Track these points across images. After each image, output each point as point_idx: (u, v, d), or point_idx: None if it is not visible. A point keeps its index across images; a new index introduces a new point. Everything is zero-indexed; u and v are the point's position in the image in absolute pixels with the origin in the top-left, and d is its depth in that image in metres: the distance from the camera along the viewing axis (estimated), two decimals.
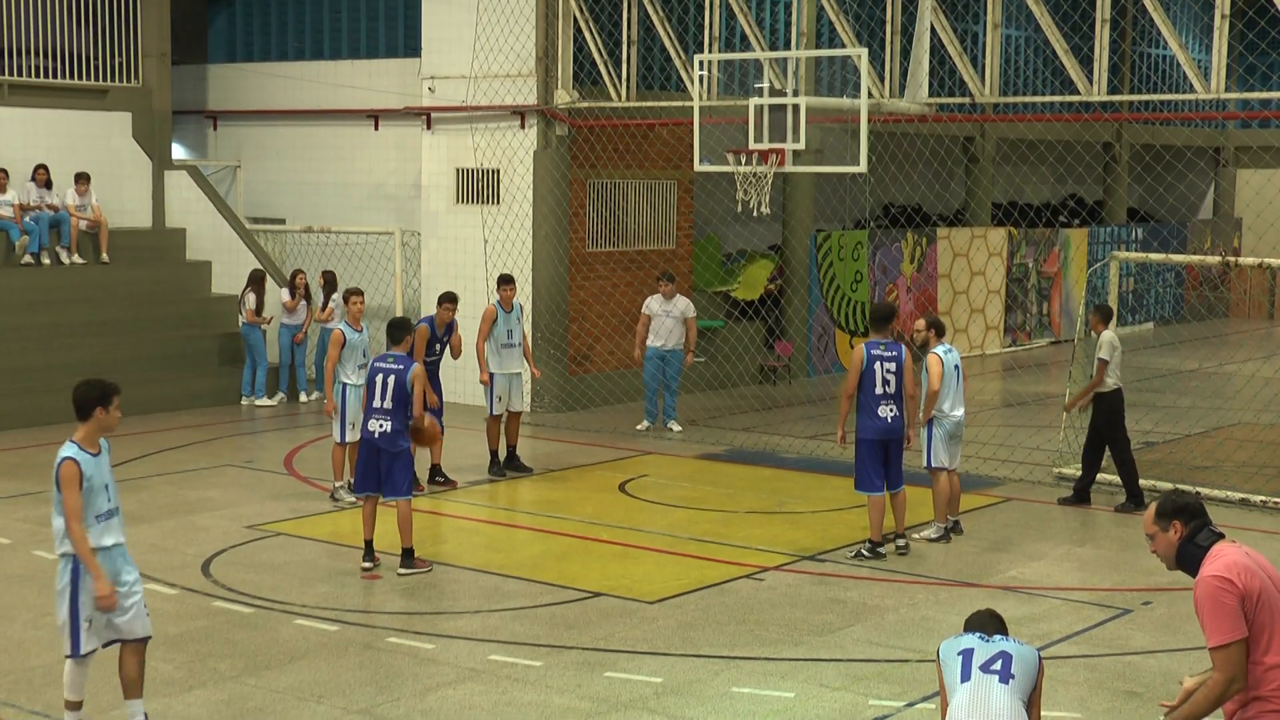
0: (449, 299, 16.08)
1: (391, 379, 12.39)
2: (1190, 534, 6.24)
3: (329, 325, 21.15)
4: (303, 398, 21.55)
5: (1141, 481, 16.04)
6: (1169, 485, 15.83)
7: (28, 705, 9.46)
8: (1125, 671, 10.33)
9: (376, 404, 12.41)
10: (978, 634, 6.66)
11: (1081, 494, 15.51)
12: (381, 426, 12.37)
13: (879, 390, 13.05)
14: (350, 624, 11.19)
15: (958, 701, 6.41)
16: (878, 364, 13.05)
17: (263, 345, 21.21)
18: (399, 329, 12.89)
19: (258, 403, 21.15)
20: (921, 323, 14.04)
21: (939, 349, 13.77)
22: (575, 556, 13.38)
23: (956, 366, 13.88)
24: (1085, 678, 10.19)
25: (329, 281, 21.34)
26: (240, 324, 21.35)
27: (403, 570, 12.53)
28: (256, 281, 21.35)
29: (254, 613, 11.45)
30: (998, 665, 6.45)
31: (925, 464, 13.96)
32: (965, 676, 6.46)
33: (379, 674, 10.13)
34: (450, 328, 16.07)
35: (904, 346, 13.37)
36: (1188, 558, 6.24)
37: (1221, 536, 6.27)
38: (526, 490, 16.32)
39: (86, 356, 20.33)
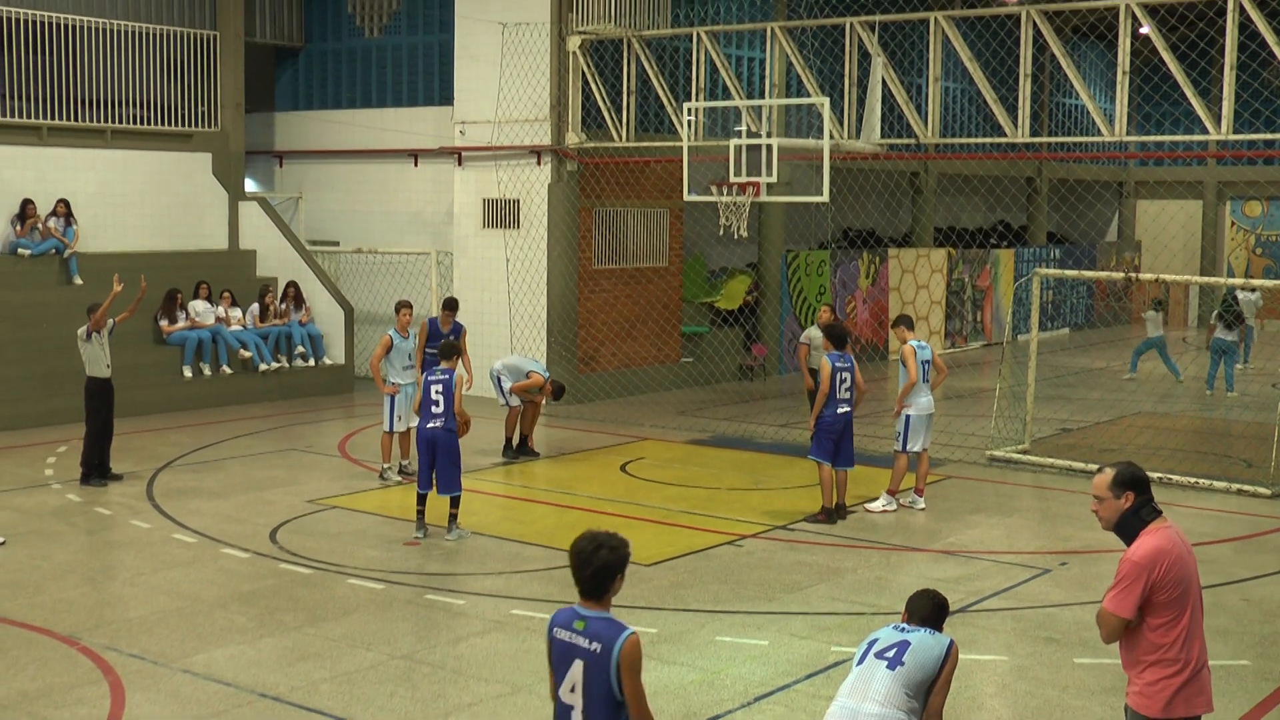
0: (448, 305, 16.02)
1: (441, 386, 12.59)
2: (1136, 506, 5.83)
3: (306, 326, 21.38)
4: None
5: (1058, 461, 16.03)
6: (1084, 465, 15.80)
7: (127, 649, 9.44)
8: (1045, 622, 10.30)
9: (433, 409, 12.56)
10: (894, 625, 6.36)
11: None
12: (436, 423, 12.51)
13: (840, 394, 13.23)
14: (395, 583, 11.16)
15: (844, 684, 6.19)
16: (840, 374, 13.23)
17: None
18: (450, 351, 12.98)
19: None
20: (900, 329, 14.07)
21: (913, 343, 13.71)
22: (584, 527, 13.22)
23: (926, 361, 13.81)
24: (1011, 627, 10.17)
25: (297, 292, 21.57)
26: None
27: (450, 537, 12.55)
28: (170, 299, 20.30)
29: (313, 573, 11.42)
30: (891, 652, 6.15)
31: (900, 447, 13.87)
32: (860, 660, 6.23)
33: (419, 625, 10.10)
34: (455, 330, 15.86)
35: (853, 358, 13.45)
36: (1128, 528, 5.84)
37: (1159, 514, 5.84)
38: (542, 471, 16.28)
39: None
